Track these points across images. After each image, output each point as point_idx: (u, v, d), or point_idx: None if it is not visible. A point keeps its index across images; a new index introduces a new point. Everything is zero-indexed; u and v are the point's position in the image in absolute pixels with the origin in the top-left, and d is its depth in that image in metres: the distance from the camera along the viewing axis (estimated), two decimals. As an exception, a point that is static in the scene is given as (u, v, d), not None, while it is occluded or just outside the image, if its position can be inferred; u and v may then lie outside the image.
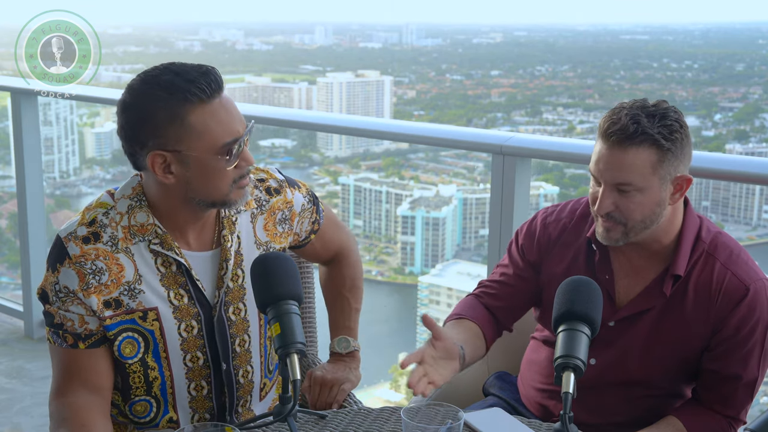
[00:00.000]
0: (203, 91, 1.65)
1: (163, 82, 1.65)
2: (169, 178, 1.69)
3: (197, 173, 1.68)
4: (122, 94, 1.69)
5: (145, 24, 33.90)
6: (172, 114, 1.64)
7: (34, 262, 4.33)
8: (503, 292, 2.09)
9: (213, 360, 1.82)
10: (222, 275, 1.80)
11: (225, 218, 1.81)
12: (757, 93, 18.40)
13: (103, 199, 1.78)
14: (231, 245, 1.81)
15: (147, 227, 1.74)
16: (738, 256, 1.91)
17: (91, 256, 1.71)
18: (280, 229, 1.91)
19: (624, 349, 1.95)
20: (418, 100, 19.79)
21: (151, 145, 1.67)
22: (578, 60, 21.92)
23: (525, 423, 1.78)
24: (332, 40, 24.59)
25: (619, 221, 1.85)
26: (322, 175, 13.93)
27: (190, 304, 1.78)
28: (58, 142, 11.24)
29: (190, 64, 1.69)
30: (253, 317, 1.86)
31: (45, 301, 1.74)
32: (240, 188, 1.74)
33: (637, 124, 1.78)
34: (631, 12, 75.81)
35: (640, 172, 1.80)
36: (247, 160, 1.72)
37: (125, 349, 1.75)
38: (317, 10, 71.29)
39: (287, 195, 1.92)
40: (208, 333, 1.80)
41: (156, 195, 1.75)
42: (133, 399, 1.82)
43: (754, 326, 1.87)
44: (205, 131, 1.66)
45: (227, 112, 1.68)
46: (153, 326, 1.76)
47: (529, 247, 2.06)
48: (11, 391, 3.79)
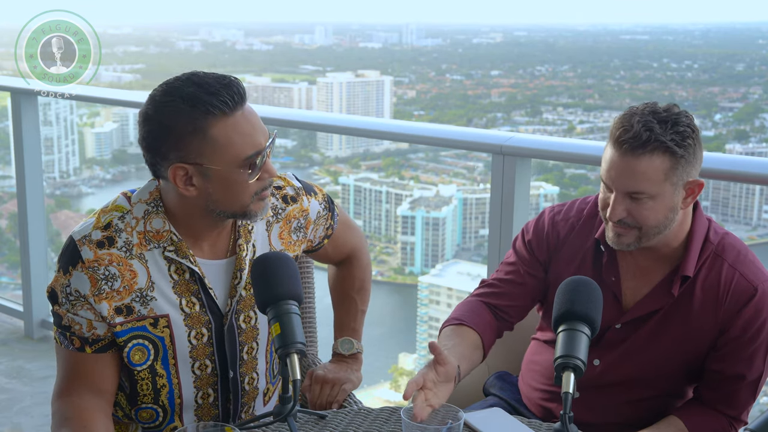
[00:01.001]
0: (226, 104, 1.61)
1: (185, 95, 1.61)
2: (190, 190, 1.66)
3: (219, 186, 1.66)
4: (144, 105, 1.66)
5: (145, 24, 33.91)
6: (194, 127, 1.61)
7: (34, 262, 4.33)
8: (510, 290, 2.07)
9: (221, 368, 1.81)
10: (236, 284, 1.79)
11: (241, 227, 1.80)
12: (757, 93, 18.42)
13: (119, 202, 1.75)
14: (246, 254, 1.80)
15: (163, 234, 1.72)
16: (745, 256, 1.91)
17: (104, 261, 1.69)
18: (295, 237, 1.90)
19: (629, 351, 1.94)
20: (418, 100, 19.80)
21: (173, 158, 1.64)
22: (578, 60, 21.93)
23: (525, 423, 1.78)
24: (332, 40, 24.61)
25: (632, 225, 1.84)
26: (322, 175, 13.93)
27: (202, 312, 1.76)
28: (58, 142, 11.25)
29: (212, 74, 1.66)
30: (263, 325, 1.85)
31: (54, 301, 1.73)
32: (261, 200, 1.71)
33: (650, 132, 1.76)
34: (631, 12, 75.84)
35: (652, 179, 1.78)
36: (269, 172, 1.69)
37: (134, 356, 1.74)
38: (317, 10, 71.29)
39: (303, 203, 1.91)
40: (217, 341, 1.79)
41: (174, 203, 1.72)
42: (141, 405, 1.81)
43: (761, 327, 1.87)
44: (228, 144, 1.63)
45: (250, 125, 1.65)
46: (163, 333, 1.74)
47: (538, 244, 2.05)
48: (11, 391, 3.79)
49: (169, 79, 1.67)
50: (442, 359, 1.75)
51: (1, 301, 4.60)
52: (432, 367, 1.74)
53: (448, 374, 1.75)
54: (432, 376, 1.73)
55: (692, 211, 1.92)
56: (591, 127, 17.07)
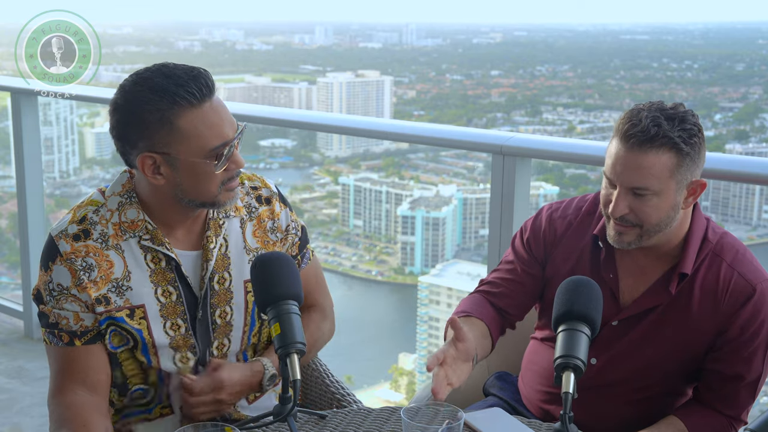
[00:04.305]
0: (193, 95, 1.65)
1: (153, 85, 1.65)
2: (158, 179, 1.70)
3: (186, 175, 1.69)
4: (114, 94, 1.69)
5: (145, 24, 33.91)
6: (161, 117, 1.64)
7: (34, 262, 4.33)
8: (511, 289, 2.07)
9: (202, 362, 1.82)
10: (203, 275, 1.80)
11: (212, 220, 1.82)
12: (757, 93, 18.42)
13: (93, 197, 1.79)
14: (214, 247, 1.81)
15: (137, 223, 1.75)
16: (744, 256, 1.91)
17: (81, 252, 1.72)
18: (273, 237, 1.91)
19: (626, 349, 1.94)
20: (418, 100, 19.80)
21: (141, 147, 1.67)
22: (578, 60, 21.93)
23: (525, 423, 1.78)
24: (332, 40, 24.60)
25: (634, 224, 1.84)
26: (322, 175, 13.93)
27: (178, 302, 1.78)
28: (58, 142, 11.25)
29: (182, 66, 1.69)
30: (238, 323, 1.86)
31: (39, 302, 1.75)
32: (229, 190, 1.74)
33: (657, 127, 1.77)
34: (631, 12, 75.86)
35: (658, 175, 1.79)
36: (237, 163, 1.72)
37: (114, 339, 1.76)
38: (317, 10, 71.34)
39: (275, 207, 1.92)
40: (194, 332, 1.81)
41: (146, 192, 1.76)
42: (132, 389, 1.82)
43: (760, 326, 1.87)
44: (194, 135, 1.66)
45: (218, 116, 1.68)
46: (141, 325, 1.76)
47: (535, 241, 2.05)
48: (11, 391, 3.79)
49: (139, 69, 1.70)
50: (462, 335, 1.77)
51: (1, 301, 4.60)
52: (452, 344, 1.76)
53: (468, 352, 1.77)
54: (452, 352, 1.75)
55: (691, 211, 1.92)
56: (591, 127, 17.07)
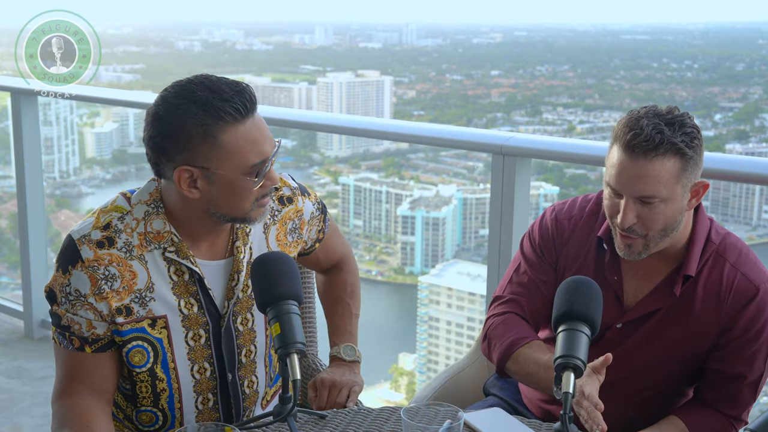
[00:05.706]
0: (238, 111, 1.62)
1: (198, 99, 1.62)
2: (193, 192, 1.67)
3: (222, 190, 1.67)
4: (154, 104, 1.66)
5: (145, 24, 33.90)
6: (204, 131, 1.62)
7: (34, 262, 4.33)
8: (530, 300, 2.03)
9: (219, 370, 1.81)
10: (233, 286, 1.79)
11: (239, 229, 1.80)
12: (757, 93, 18.41)
13: (118, 203, 1.75)
14: (244, 257, 1.80)
15: (163, 234, 1.73)
16: (747, 256, 1.91)
17: (104, 261, 1.69)
18: (290, 238, 1.90)
19: (629, 351, 1.94)
20: (418, 100, 19.79)
21: (179, 160, 1.64)
22: (578, 60, 21.92)
23: (525, 423, 1.78)
24: (332, 40, 24.59)
25: (639, 234, 1.84)
26: (322, 175, 13.94)
27: (200, 313, 1.77)
28: (58, 142, 11.26)
29: (225, 80, 1.67)
30: (260, 328, 1.85)
31: (53, 301, 1.72)
32: (261, 206, 1.73)
33: (661, 134, 1.76)
34: (631, 12, 75.78)
35: (665, 182, 1.78)
36: (272, 180, 1.71)
37: (134, 357, 1.74)
38: (317, 10, 71.27)
39: (299, 203, 1.92)
40: (215, 343, 1.79)
41: (175, 204, 1.73)
42: (140, 408, 1.81)
43: (762, 326, 1.87)
44: (237, 151, 1.64)
45: (259, 133, 1.66)
46: (161, 334, 1.75)
47: (545, 245, 2.03)
48: (11, 391, 3.79)
49: (180, 80, 1.67)
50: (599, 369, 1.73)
51: (1, 301, 4.60)
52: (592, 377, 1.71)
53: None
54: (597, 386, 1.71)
55: (694, 212, 1.92)
56: (591, 127, 17.06)
